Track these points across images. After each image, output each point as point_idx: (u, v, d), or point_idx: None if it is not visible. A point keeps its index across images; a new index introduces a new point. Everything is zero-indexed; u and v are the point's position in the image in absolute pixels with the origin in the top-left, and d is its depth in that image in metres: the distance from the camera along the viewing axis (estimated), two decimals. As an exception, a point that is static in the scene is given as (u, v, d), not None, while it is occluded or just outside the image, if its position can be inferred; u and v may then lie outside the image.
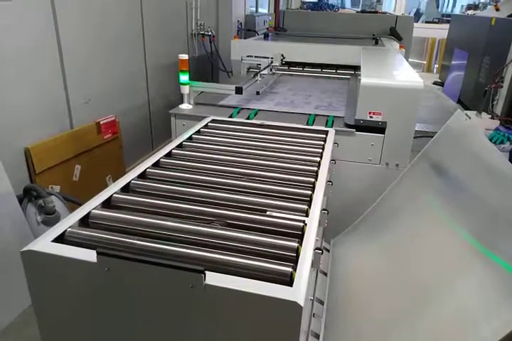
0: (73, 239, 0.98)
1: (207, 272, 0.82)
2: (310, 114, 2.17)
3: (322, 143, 1.60)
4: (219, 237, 1.01)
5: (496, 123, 4.18)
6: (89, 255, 0.88)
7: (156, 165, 1.40)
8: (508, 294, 0.90)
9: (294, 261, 0.93)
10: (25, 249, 0.93)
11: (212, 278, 0.83)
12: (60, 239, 0.98)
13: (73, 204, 2.45)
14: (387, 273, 1.50)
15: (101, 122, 2.87)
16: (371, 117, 1.89)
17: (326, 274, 1.79)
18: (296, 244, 0.98)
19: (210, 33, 4.39)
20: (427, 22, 10.69)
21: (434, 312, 1.10)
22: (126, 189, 1.25)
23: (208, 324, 0.87)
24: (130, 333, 0.94)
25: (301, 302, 0.79)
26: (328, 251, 1.96)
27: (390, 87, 1.85)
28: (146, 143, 3.81)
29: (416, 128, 2.09)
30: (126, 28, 3.24)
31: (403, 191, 1.81)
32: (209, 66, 4.71)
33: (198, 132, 1.72)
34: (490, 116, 4.42)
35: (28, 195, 2.26)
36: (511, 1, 5.76)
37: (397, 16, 4.52)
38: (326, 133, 1.71)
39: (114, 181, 3.21)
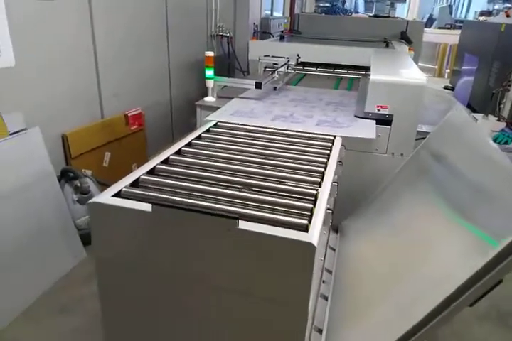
0: (127, 196, 1.20)
1: (240, 220, 1.03)
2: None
3: (330, 144, 1.70)
4: (246, 199, 1.23)
5: (502, 125, 4.33)
6: (146, 206, 1.10)
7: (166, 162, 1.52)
8: (475, 252, 1.09)
9: (309, 217, 1.14)
10: (91, 201, 1.14)
11: (244, 225, 1.04)
12: (117, 196, 1.20)
13: (103, 187, 2.70)
14: (386, 247, 1.70)
15: (129, 114, 3.11)
16: (379, 110, 2.10)
17: (334, 250, 1.99)
18: (310, 205, 1.19)
19: (228, 35, 4.63)
20: (439, 28, 10.81)
21: (421, 270, 1.30)
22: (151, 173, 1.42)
23: (239, 261, 1.08)
24: (177, 269, 1.15)
25: (315, 243, 1.00)
26: (336, 232, 2.16)
27: (396, 83, 2.05)
28: (167, 136, 4.05)
29: (425, 130, 2.28)
30: (152, 29, 3.49)
31: (404, 178, 2.01)
32: (226, 65, 4.95)
33: (207, 131, 1.87)
34: (497, 118, 4.57)
35: (65, 177, 2.50)
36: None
37: (408, 21, 4.71)
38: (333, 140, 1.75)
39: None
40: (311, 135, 1.81)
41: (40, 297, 2.14)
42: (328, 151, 1.63)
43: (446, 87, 8.33)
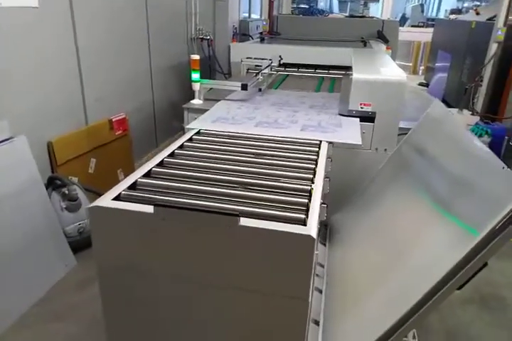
0: (127, 199, 1.22)
1: (241, 217, 1.07)
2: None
3: (317, 149, 1.68)
4: (244, 197, 1.26)
5: (476, 118, 4.49)
6: (147, 208, 1.12)
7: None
8: (458, 241, 1.15)
9: (306, 211, 1.18)
10: (92, 205, 1.16)
11: (245, 221, 1.08)
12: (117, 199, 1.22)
13: (91, 194, 2.68)
14: (374, 240, 1.76)
15: (113, 119, 3.10)
16: (362, 108, 2.17)
17: (324, 245, 2.05)
18: (306, 200, 1.24)
19: (208, 37, 4.65)
20: (412, 26, 11.08)
21: (409, 260, 1.37)
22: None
23: (241, 257, 1.11)
24: (180, 268, 1.17)
25: (314, 236, 1.04)
26: (325, 226, 2.22)
27: (378, 81, 2.13)
28: (151, 140, 4.05)
29: (402, 126, 2.36)
30: (134, 33, 3.49)
31: (389, 172, 2.08)
32: (207, 68, 4.97)
33: (190, 140, 1.78)
34: (470, 112, 4.74)
35: (52, 184, 2.48)
36: (490, 5, 6.12)
37: (383, 20, 4.84)
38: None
39: (124, 174, 3.43)
40: (297, 140, 1.79)
41: (34, 305, 2.12)
42: (316, 149, 1.68)
43: (421, 84, 8.55)
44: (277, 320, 1.16)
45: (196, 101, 2.40)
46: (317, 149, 1.68)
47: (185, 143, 1.70)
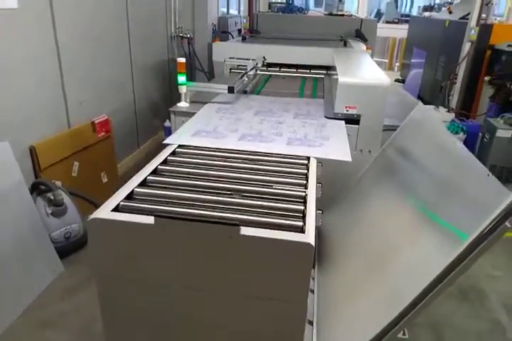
0: (126, 210, 1.23)
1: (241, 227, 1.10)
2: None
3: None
4: (241, 205, 1.29)
5: (452, 115, 4.64)
6: (147, 219, 1.13)
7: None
8: (447, 244, 1.21)
9: (303, 218, 1.22)
10: (91, 217, 1.16)
11: (245, 231, 1.11)
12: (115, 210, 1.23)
13: (75, 198, 2.65)
14: (363, 242, 1.81)
15: (96, 121, 3.06)
16: (347, 110, 2.22)
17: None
18: (302, 207, 1.27)
19: (188, 35, 4.62)
20: (387, 22, 11.25)
21: (398, 263, 1.43)
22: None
23: (242, 265, 1.14)
24: (181, 277, 1.19)
25: (312, 243, 1.08)
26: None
27: (362, 85, 2.19)
28: (132, 141, 4.01)
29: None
30: (114, 33, 3.43)
31: (374, 174, 2.14)
32: (188, 66, 4.94)
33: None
34: (446, 109, 4.89)
35: (36, 190, 2.44)
36: (463, 3, 6.27)
37: (362, 19, 4.91)
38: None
39: (108, 177, 3.39)
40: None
41: (23, 313, 2.10)
42: (305, 168, 1.64)
43: (397, 80, 8.71)
44: (277, 323, 1.20)
45: (183, 104, 2.40)
46: (305, 168, 1.63)
47: (168, 158, 1.65)
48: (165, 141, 1.76)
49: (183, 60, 2.35)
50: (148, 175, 1.44)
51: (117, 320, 1.29)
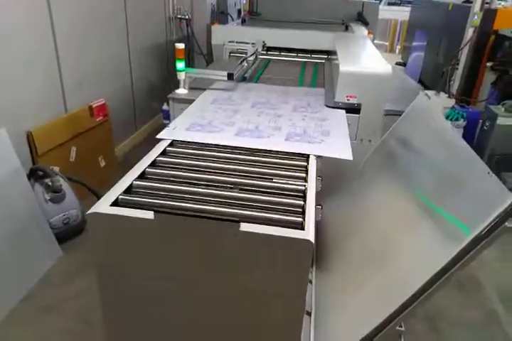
0: (125, 204, 1.23)
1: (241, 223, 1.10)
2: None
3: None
4: (240, 199, 1.29)
5: (453, 101, 4.60)
6: (146, 214, 1.13)
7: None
8: (449, 237, 1.22)
9: (302, 214, 1.22)
10: (90, 212, 1.16)
11: (245, 227, 1.11)
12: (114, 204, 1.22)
13: (74, 183, 2.64)
14: (364, 233, 1.83)
15: (93, 106, 3.02)
16: (348, 100, 2.20)
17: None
18: (302, 202, 1.27)
19: (186, 17, 4.51)
20: (389, 4, 11.01)
21: (400, 255, 1.44)
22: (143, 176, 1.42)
23: (241, 261, 1.15)
24: (181, 271, 1.20)
25: (312, 240, 1.09)
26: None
27: (364, 74, 2.15)
28: (129, 124, 3.97)
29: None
30: (111, 14, 3.34)
31: (375, 165, 2.14)
32: (186, 49, 4.84)
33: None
34: (447, 95, 4.84)
35: (34, 176, 2.43)
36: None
37: (363, 2, 4.79)
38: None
39: (105, 161, 3.37)
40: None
41: (23, 299, 2.12)
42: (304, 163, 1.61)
43: (398, 63, 8.60)
44: (276, 316, 1.22)
45: (181, 91, 2.36)
46: (305, 160, 1.61)
47: (167, 148, 1.62)
48: (158, 136, 1.70)
49: (181, 45, 2.30)
50: (146, 168, 1.43)
51: (116, 313, 1.31)
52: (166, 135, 1.72)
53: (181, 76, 2.31)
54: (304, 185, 1.38)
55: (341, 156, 1.69)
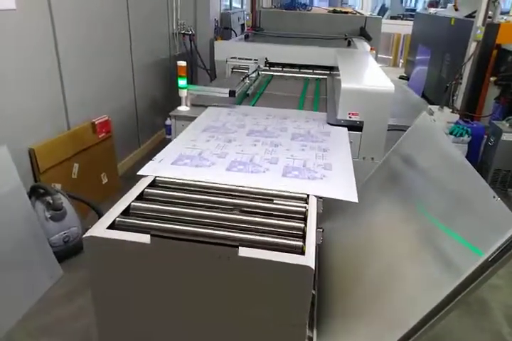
0: (122, 227, 1.20)
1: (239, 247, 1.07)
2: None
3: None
4: (240, 221, 1.27)
5: (457, 116, 4.58)
6: (143, 238, 1.11)
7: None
8: (459, 260, 1.19)
9: (303, 237, 1.19)
10: (86, 235, 1.14)
11: (244, 251, 1.08)
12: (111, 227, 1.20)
13: (75, 201, 2.63)
14: (367, 254, 1.79)
15: (96, 122, 3.02)
16: (350, 117, 2.19)
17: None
18: (302, 225, 1.25)
19: (190, 32, 4.56)
20: (392, 17, 11.12)
21: (403, 277, 1.40)
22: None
23: (239, 286, 1.12)
24: (178, 298, 1.17)
25: (312, 266, 1.06)
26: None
27: (366, 91, 2.15)
28: (133, 140, 3.98)
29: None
30: (115, 30, 3.38)
31: (378, 183, 2.11)
32: (188, 64, 4.89)
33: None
34: (451, 110, 4.83)
35: (35, 193, 2.42)
36: (469, 1, 6.16)
37: (366, 17, 4.84)
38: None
39: (108, 178, 3.36)
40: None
41: (21, 319, 2.09)
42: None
43: (401, 77, 8.64)
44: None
45: (183, 108, 2.36)
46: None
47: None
48: (140, 172, 1.54)
49: (183, 63, 2.31)
50: (145, 188, 1.41)
51: (113, 335, 1.27)
52: (149, 171, 1.56)
53: (183, 93, 2.31)
54: (305, 207, 1.35)
55: (345, 198, 1.51)
